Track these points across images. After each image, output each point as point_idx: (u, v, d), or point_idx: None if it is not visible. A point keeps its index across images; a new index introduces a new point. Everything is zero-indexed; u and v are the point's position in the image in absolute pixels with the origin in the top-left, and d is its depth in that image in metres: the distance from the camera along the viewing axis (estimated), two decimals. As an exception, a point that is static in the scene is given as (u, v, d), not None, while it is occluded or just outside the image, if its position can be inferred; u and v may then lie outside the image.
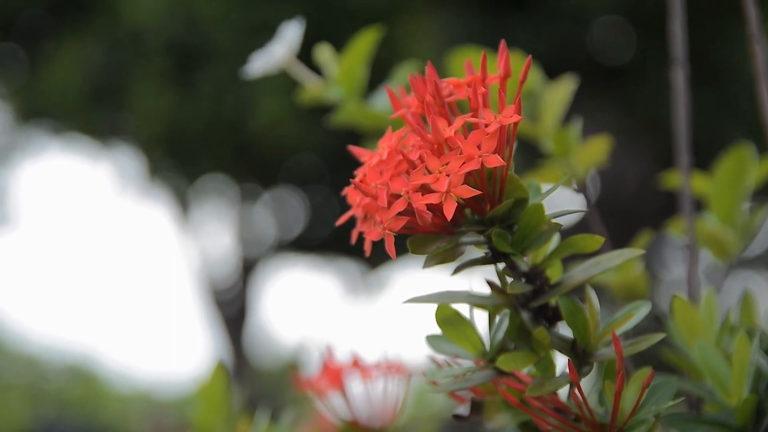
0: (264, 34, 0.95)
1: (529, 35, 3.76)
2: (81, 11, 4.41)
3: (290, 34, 0.92)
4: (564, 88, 0.90)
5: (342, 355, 0.85)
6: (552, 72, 0.92)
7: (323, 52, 0.94)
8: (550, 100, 0.90)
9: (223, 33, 3.98)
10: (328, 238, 5.39)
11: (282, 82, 3.56)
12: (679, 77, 0.88)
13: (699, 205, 0.93)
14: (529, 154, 0.95)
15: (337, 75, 0.93)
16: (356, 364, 0.84)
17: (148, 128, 4.44)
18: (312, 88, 0.94)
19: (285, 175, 5.16)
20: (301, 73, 0.94)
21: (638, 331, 0.61)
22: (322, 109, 0.95)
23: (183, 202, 5.68)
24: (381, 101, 0.93)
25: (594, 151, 0.90)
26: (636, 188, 4.61)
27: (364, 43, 0.92)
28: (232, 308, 6.05)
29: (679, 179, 0.89)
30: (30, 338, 8.03)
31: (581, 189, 0.87)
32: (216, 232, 6.08)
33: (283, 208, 5.67)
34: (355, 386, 0.84)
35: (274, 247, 5.87)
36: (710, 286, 0.74)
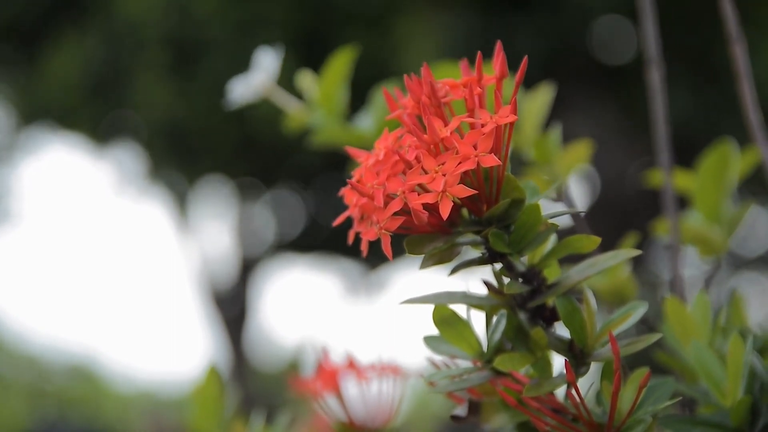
0: (260, 29, 0.95)
1: (529, 35, 3.76)
2: (78, 8, 4.41)
3: (267, 62, 0.92)
4: (542, 97, 0.89)
5: (339, 356, 0.85)
6: (552, 71, 0.92)
7: (305, 79, 0.94)
8: (529, 109, 0.89)
9: (219, 28, 3.97)
10: (328, 238, 5.39)
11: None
12: (655, 77, 0.88)
13: (686, 204, 0.92)
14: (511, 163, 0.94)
15: (317, 98, 0.93)
16: (352, 365, 0.84)
17: (149, 121, 4.44)
18: (296, 114, 0.94)
19: (286, 174, 5.15)
20: (283, 98, 0.94)
21: (629, 332, 0.61)
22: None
23: (183, 202, 5.68)
24: (363, 123, 0.93)
25: (575, 156, 0.89)
26: (636, 188, 4.60)
27: (341, 63, 0.92)
28: (232, 308, 6.05)
29: (661, 177, 0.89)
30: (31, 338, 8.03)
31: (563, 196, 0.86)
32: (216, 232, 6.08)
33: (283, 208, 5.67)
34: (351, 387, 0.84)
35: (274, 247, 5.87)
36: (703, 286, 0.74)
